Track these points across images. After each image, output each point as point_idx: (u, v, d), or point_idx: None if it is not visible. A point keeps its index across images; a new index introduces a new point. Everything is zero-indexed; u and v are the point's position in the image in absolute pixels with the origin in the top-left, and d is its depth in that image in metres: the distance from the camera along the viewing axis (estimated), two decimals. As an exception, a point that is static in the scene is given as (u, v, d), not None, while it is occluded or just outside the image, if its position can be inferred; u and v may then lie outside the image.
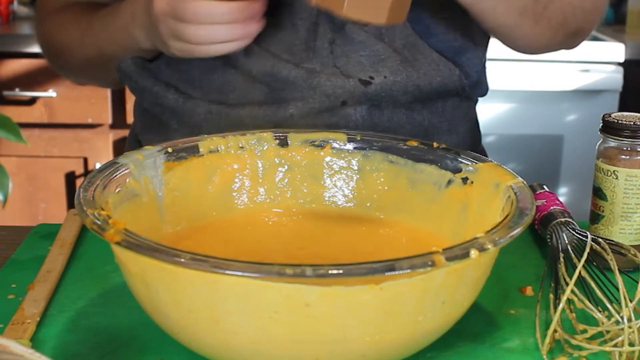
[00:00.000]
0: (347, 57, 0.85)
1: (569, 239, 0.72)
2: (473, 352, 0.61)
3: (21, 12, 2.32)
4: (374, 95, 0.85)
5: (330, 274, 0.49)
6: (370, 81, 0.84)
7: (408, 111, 0.87)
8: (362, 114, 0.85)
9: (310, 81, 0.84)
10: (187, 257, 0.50)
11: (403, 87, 0.85)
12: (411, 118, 0.87)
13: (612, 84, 2.11)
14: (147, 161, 0.68)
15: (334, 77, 0.84)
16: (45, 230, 0.82)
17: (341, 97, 0.84)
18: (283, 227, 0.73)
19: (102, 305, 0.67)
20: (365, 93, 0.84)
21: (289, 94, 0.85)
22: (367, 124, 0.86)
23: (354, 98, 0.85)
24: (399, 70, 0.85)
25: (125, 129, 2.11)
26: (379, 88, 0.85)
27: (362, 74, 0.85)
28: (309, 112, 0.85)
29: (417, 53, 0.86)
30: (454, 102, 0.90)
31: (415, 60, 0.86)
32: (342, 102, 0.85)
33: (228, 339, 0.53)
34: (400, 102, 0.86)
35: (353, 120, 0.85)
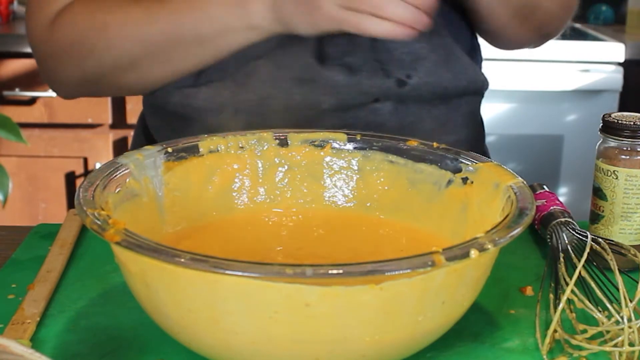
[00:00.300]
0: (388, 53, 0.86)
1: (569, 239, 0.72)
2: (473, 352, 0.61)
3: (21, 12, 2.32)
4: (405, 95, 0.87)
5: (330, 274, 0.49)
6: (406, 81, 0.87)
7: (429, 106, 0.89)
8: (389, 109, 0.88)
9: (349, 78, 0.85)
10: (187, 257, 0.50)
11: (432, 89, 0.88)
12: (430, 113, 0.90)
13: (612, 84, 2.11)
14: (147, 161, 0.68)
15: (374, 76, 0.86)
16: (45, 230, 0.82)
17: (375, 95, 0.86)
18: (283, 227, 0.73)
19: (102, 305, 0.67)
20: (397, 93, 0.87)
21: (323, 90, 0.85)
22: (394, 118, 0.88)
23: (387, 96, 0.87)
24: (432, 72, 0.88)
25: (126, 128, 2.11)
26: (410, 89, 0.87)
27: (401, 72, 0.87)
28: (340, 107, 0.86)
29: (451, 54, 0.89)
30: (468, 99, 0.93)
31: (448, 62, 0.89)
32: (374, 99, 0.87)
33: (228, 339, 0.53)
34: (423, 100, 0.89)
35: (380, 115, 0.87)
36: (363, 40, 0.86)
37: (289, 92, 0.86)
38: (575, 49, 2.11)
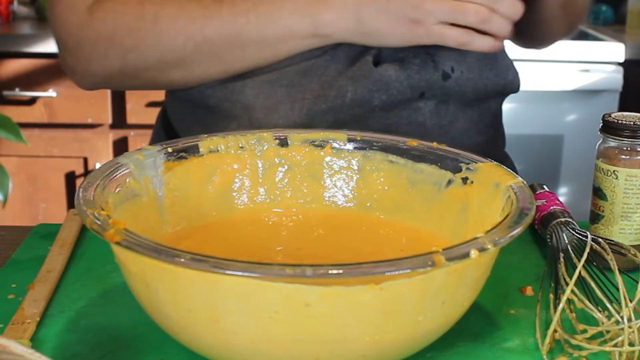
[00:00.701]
0: (437, 46, 0.85)
1: (569, 239, 0.72)
2: (473, 352, 0.61)
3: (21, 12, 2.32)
4: (448, 89, 0.87)
5: (330, 274, 0.49)
6: (450, 74, 0.87)
7: (465, 107, 0.90)
8: (430, 109, 0.88)
9: (400, 73, 0.85)
10: (187, 257, 0.50)
11: (473, 85, 0.88)
12: (465, 113, 0.90)
13: (612, 84, 2.11)
14: (147, 161, 0.68)
15: (424, 69, 0.86)
16: (45, 230, 0.82)
17: (422, 89, 0.86)
18: (283, 227, 0.73)
19: (102, 305, 0.67)
20: (442, 87, 0.87)
21: (374, 87, 0.85)
22: (434, 118, 0.88)
23: (432, 91, 0.87)
24: (474, 68, 0.88)
25: (125, 128, 2.11)
26: (453, 83, 0.87)
27: (447, 64, 0.87)
28: (389, 104, 0.86)
29: (497, 53, 0.90)
30: (496, 99, 0.94)
31: (492, 61, 0.90)
32: (420, 94, 0.87)
33: (228, 339, 0.53)
34: (464, 98, 0.89)
35: (422, 114, 0.87)
36: None
37: (342, 90, 0.85)
38: (575, 49, 2.11)
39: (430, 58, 0.86)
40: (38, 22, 2.24)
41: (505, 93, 0.94)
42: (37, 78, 2.06)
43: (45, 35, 2.05)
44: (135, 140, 2.12)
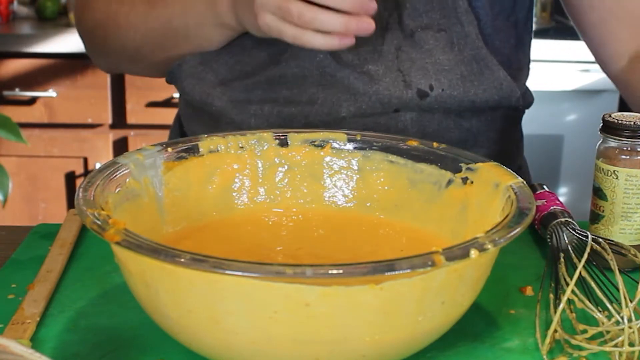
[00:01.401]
0: (411, 62, 0.86)
1: (569, 239, 0.72)
2: (473, 352, 0.61)
3: (21, 12, 2.32)
4: (427, 106, 0.86)
5: (330, 274, 0.49)
6: (427, 93, 0.86)
7: (457, 118, 0.88)
8: (412, 117, 0.87)
9: (368, 87, 0.85)
10: (187, 257, 0.50)
11: (458, 102, 0.87)
12: (459, 124, 0.89)
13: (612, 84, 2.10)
14: (147, 161, 0.68)
15: (394, 86, 0.85)
16: (45, 230, 0.82)
17: (395, 106, 0.86)
18: (283, 227, 0.73)
19: (102, 305, 0.67)
20: (419, 105, 0.86)
21: (343, 97, 0.86)
22: (416, 127, 0.87)
23: (407, 107, 0.86)
24: (457, 85, 0.86)
25: (125, 128, 2.11)
26: (433, 101, 0.86)
27: (423, 81, 0.86)
28: (360, 114, 0.86)
29: (485, 68, 0.88)
30: (504, 112, 0.92)
31: (480, 75, 0.87)
32: (395, 110, 0.86)
33: (228, 339, 0.53)
34: (452, 110, 0.88)
35: (402, 121, 0.87)
36: (387, 49, 0.85)
37: (313, 97, 0.86)
38: (575, 49, 2.11)
39: (401, 77, 0.85)
40: (38, 22, 2.24)
41: (504, 107, 0.91)
42: (37, 78, 2.06)
43: (45, 35, 2.05)
44: (135, 140, 2.12)
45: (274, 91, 0.87)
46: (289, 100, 0.87)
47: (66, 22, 2.19)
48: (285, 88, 0.87)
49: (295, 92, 0.87)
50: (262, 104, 0.88)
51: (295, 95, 0.87)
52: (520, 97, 0.92)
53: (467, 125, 0.89)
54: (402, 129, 0.87)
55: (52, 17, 2.24)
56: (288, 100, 0.87)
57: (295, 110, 0.87)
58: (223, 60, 0.89)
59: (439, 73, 0.86)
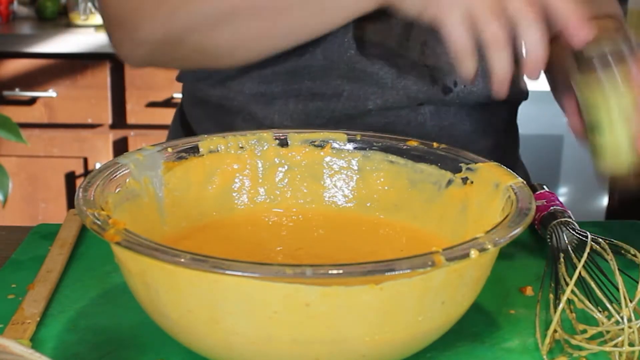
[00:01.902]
0: (437, 58, 0.86)
1: (569, 239, 0.72)
2: (473, 352, 0.61)
3: (21, 12, 2.32)
4: (449, 102, 0.87)
5: (330, 274, 0.49)
6: (452, 88, 0.87)
7: (470, 109, 0.90)
8: (431, 111, 0.88)
9: (397, 82, 0.85)
10: (187, 257, 0.50)
11: (476, 97, 0.88)
12: (471, 115, 0.90)
13: (612, 84, 2.11)
14: (147, 161, 0.68)
15: (421, 81, 0.86)
16: (45, 230, 0.82)
17: (420, 100, 0.87)
18: (283, 227, 0.73)
19: (102, 305, 0.67)
20: (442, 99, 0.87)
21: (370, 90, 0.86)
22: (435, 118, 0.88)
23: (431, 102, 0.87)
24: (478, 80, 0.87)
25: (125, 129, 2.11)
26: (455, 96, 0.87)
27: (448, 77, 0.86)
28: (386, 108, 0.86)
29: None
30: (509, 105, 0.94)
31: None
32: (419, 104, 0.87)
33: (228, 339, 0.53)
34: (468, 106, 0.89)
35: (422, 114, 0.87)
36: (412, 45, 0.85)
37: (337, 89, 0.86)
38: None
39: (428, 72, 0.86)
40: (38, 22, 2.24)
41: (511, 100, 0.92)
42: (37, 78, 2.06)
43: (45, 35, 2.05)
44: (135, 140, 2.12)
45: (296, 82, 0.86)
46: (312, 92, 0.86)
47: (66, 22, 2.19)
48: (308, 79, 0.86)
49: (319, 83, 0.86)
50: (287, 99, 0.86)
51: (319, 86, 0.86)
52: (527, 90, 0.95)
53: (476, 116, 0.91)
54: (422, 122, 0.88)
55: (52, 17, 2.24)
56: (312, 92, 0.86)
57: (321, 104, 0.86)
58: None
59: None
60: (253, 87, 0.87)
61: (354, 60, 0.85)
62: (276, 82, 0.86)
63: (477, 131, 0.91)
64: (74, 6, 2.15)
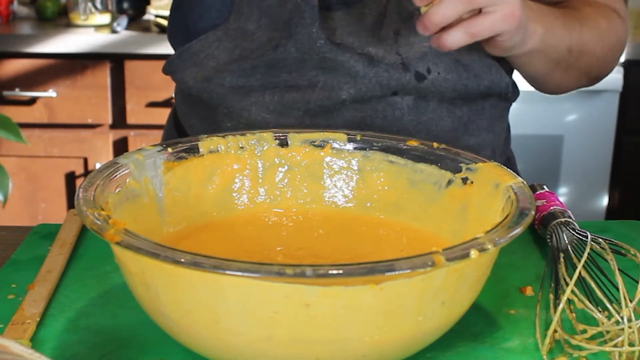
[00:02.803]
0: (410, 46, 0.87)
1: (569, 239, 0.72)
2: (473, 352, 0.61)
3: (21, 12, 2.32)
4: (424, 90, 0.87)
5: (330, 274, 0.49)
6: (425, 75, 0.87)
7: (450, 105, 0.89)
8: (409, 104, 0.88)
9: (368, 70, 0.86)
10: (187, 257, 0.50)
11: (452, 86, 0.88)
12: (452, 112, 0.90)
13: (612, 84, 2.11)
14: (147, 161, 0.68)
15: (393, 69, 0.86)
16: (45, 230, 0.82)
17: (394, 88, 0.87)
18: (283, 227, 0.73)
19: (102, 305, 0.67)
20: (416, 87, 0.87)
21: (343, 79, 0.86)
22: (412, 113, 0.88)
23: (405, 90, 0.87)
24: (452, 69, 0.88)
25: (126, 129, 2.11)
26: (429, 84, 0.87)
27: (421, 64, 0.87)
28: (360, 98, 0.86)
29: (474, 53, 0.89)
30: (493, 102, 0.93)
31: (470, 61, 0.89)
32: (393, 92, 0.87)
33: (228, 339, 0.53)
34: (446, 97, 0.89)
35: (399, 108, 0.87)
36: (385, 33, 0.86)
37: (313, 80, 0.87)
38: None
39: (400, 59, 0.86)
40: (38, 22, 2.24)
41: (494, 95, 0.92)
42: (37, 78, 2.06)
43: (45, 35, 2.05)
44: (135, 140, 2.12)
45: (274, 75, 0.87)
46: (289, 84, 0.87)
47: (66, 22, 2.19)
48: (285, 71, 0.87)
49: (295, 75, 0.87)
50: (263, 91, 0.88)
51: (295, 78, 0.87)
52: (510, 85, 0.94)
53: (459, 114, 0.90)
54: (399, 116, 0.87)
55: (52, 17, 2.24)
56: (288, 84, 0.87)
57: (296, 95, 0.87)
58: (223, 45, 0.89)
59: (436, 57, 0.87)
60: (233, 80, 0.88)
61: (323, 50, 0.85)
62: (255, 76, 0.88)
63: (458, 129, 0.90)
64: (74, 6, 2.15)
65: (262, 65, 0.87)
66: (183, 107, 0.97)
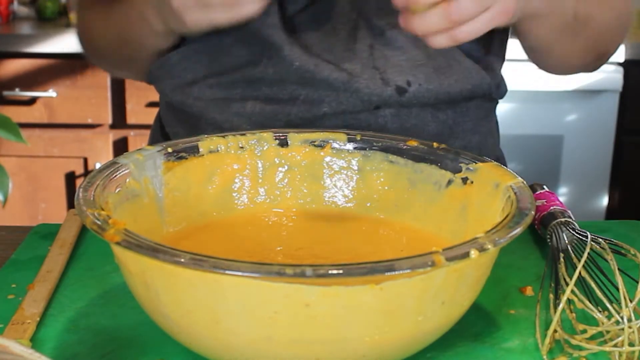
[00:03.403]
0: (386, 60, 0.86)
1: (569, 239, 0.72)
2: (473, 352, 0.61)
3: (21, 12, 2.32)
4: (406, 102, 0.86)
5: (330, 274, 0.49)
6: (406, 89, 0.86)
7: (434, 110, 0.89)
8: (391, 113, 0.87)
9: (349, 85, 0.85)
10: (187, 257, 0.50)
11: (435, 95, 0.87)
12: (436, 117, 0.89)
13: (612, 84, 2.11)
14: (147, 161, 0.68)
15: (373, 83, 0.85)
16: (45, 230, 0.82)
17: (376, 103, 0.86)
18: (283, 227, 0.73)
19: (102, 305, 0.67)
20: (398, 101, 0.86)
21: (324, 93, 0.86)
22: (396, 122, 0.87)
23: (387, 104, 0.86)
24: (432, 78, 0.87)
25: (126, 129, 2.11)
26: (411, 96, 0.86)
27: (400, 78, 0.86)
28: (341, 112, 0.86)
29: (451, 59, 0.88)
30: (477, 103, 0.92)
31: (449, 67, 0.88)
32: (375, 107, 0.86)
33: (228, 339, 0.53)
34: (429, 104, 0.88)
35: (382, 117, 0.87)
36: (360, 47, 0.86)
37: (294, 93, 0.86)
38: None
39: (379, 74, 0.85)
40: (38, 22, 2.24)
41: (478, 96, 0.91)
42: (37, 78, 2.06)
43: (45, 35, 2.05)
44: (135, 140, 2.12)
45: (254, 89, 0.87)
46: (270, 97, 0.87)
47: (66, 22, 2.19)
48: (265, 85, 0.87)
49: (276, 89, 0.87)
50: (244, 102, 0.88)
51: (276, 92, 0.87)
52: (493, 85, 0.92)
53: (443, 118, 0.89)
54: (382, 124, 0.87)
55: (52, 17, 2.24)
56: (269, 97, 0.87)
57: (277, 107, 0.86)
58: (201, 58, 0.89)
59: (415, 68, 0.86)
60: (213, 92, 0.89)
61: (302, 70, 0.85)
62: (236, 89, 0.88)
63: (443, 132, 0.89)
64: (74, 6, 2.15)
65: (241, 80, 0.87)
66: (167, 115, 0.97)
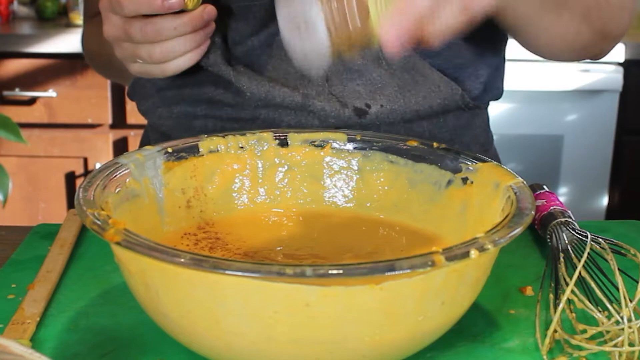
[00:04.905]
0: (343, 86, 0.83)
1: (569, 239, 0.72)
2: (473, 352, 0.61)
3: (21, 12, 2.32)
4: (368, 125, 0.84)
5: (330, 274, 0.49)
6: (366, 110, 0.83)
7: (407, 124, 0.86)
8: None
9: (304, 106, 0.83)
10: (187, 257, 0.50)
11: (401, 114, 0.84)
12: (410, 130, 0.86)
13: (612, 84, 2.11)
14: (147, 161, 0.68)
15: (330, 105, 0.83)
16: (45, 230, 0.82)
17: (335, 125, 0.84)
18: (283, 227, 0.73)
19: (102, 305, 0.67)
20: (359, 123, 0.83)
21: (283, 112, 0.84)
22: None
23: (347, 125, 0.83)
24: (396, 98, 0.83)
25: (126, 129, 2.11)
26: (374, 118, 0.83)
27: (358, 101, 0.83)
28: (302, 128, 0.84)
29: (417, 75, 0.84)
30: (455, 114, 0.88)
31: (415, 84, 0.84)
32: (335, 127, 0.84)
33: (228, 339, 0.53)
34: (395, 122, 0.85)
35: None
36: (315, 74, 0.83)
37: (254, 113, 0.85)
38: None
39: (335, 98, 0.83)
40: (38, 22, 2.24)
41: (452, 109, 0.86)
42: (37, 78, 2.06)
43: (45, 35, 2.05)
44: (135, 140, 2.12)
45: (216, 109, 0.87)
46: (232, 117, 0.86)
47: (66, 22, 2.19)
48: (227, 105, 0.86)
49: (238, 109, 0.86)
50: (206, 120, 0.88)
51: (237, 112, 0.86)
52: (465, 94, 0.86)
53: (419, 130, 0.86)
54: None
55: (52, 17, 2.24)
56: (231, 117, 0.86)
57: (237, 125, 0.86)
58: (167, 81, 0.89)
59: (374, 92, 0.83)
60: (179, 110, 0.89)
61: (257, 97, 0.84)
62: (200, 106, 0.88)
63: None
64: (73, 6, 2.15)
65: (204, 99, 0.87)
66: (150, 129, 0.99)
